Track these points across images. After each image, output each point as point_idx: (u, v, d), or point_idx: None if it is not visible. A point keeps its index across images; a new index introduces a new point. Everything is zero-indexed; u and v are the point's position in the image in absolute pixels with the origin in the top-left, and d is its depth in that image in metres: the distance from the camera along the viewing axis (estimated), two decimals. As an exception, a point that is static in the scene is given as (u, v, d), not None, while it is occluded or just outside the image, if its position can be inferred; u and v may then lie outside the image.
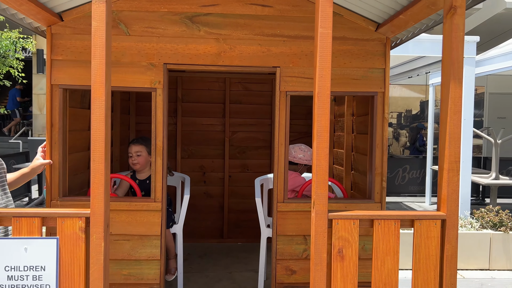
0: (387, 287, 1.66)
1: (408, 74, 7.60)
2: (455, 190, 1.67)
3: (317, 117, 1.63)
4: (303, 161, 2.93)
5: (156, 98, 2.44)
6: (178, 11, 2.44)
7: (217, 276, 3.39)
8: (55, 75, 2.42)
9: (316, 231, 1.63)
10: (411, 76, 7.73)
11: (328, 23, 1.60)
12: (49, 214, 1.61)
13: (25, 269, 1.58)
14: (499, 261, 5.12)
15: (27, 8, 2.11)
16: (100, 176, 1.58)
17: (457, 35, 1.65)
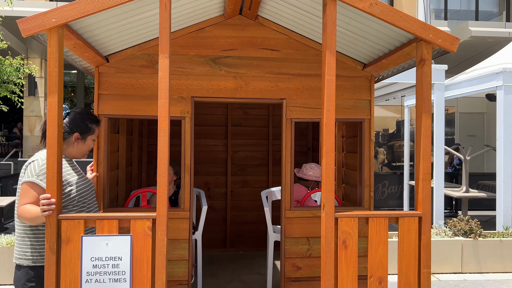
0: (380, 268, 2.20)
1: (385, 97, 8.31)
2: (428, 194, 2.24)
3: (325, 141, 2.19)
4: (312, 178, 3.49)
5: (185, 125, 2.96)
6: (203, 54, 2.99)
7: (226, 279, 3.86)
8: (101, 106, 2.91)
9: (326, 227, 2.17)
10: (388, 99, 8.44)
11: (332, 72, 2.18)
12: (124, 217, 2.10)
13: (106, 259, 2.05)
14: (470, 265, 5.72)
15: (88, 55, 2.62)
16: (164, 187, 2.08)
17: (426, 80, 2.25)
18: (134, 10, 2.34)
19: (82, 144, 2.38)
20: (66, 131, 2.32)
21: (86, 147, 2.40)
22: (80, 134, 2.35)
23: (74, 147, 2.36)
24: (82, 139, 2.37)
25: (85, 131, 2.37)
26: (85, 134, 2.37)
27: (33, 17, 2.00)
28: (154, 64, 2.96)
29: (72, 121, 2.35)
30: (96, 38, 2.56)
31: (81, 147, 2.38)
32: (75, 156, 2.40)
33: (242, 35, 3.03)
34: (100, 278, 2.04)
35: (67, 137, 2.33)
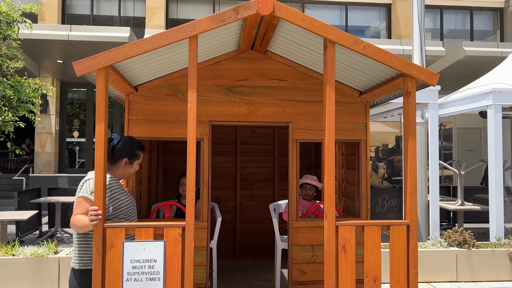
0: (375, 269, 2.58)
1: (383, 114, 8.74)
2: (414, 206, 2.64)
3: (326, 161, 2.59)
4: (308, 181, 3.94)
5: (203, 145, 3.37)
6: (219, 84, 3.42)
7: (237, 284, 4.23)
8: (131, 129, 3.33)
9: (328, 234, 2.56)
10: (386, 117, 8.87)
11: (332, 103, 2.59)
12: (159, 225, 2.50)
13: (143, 261, 2.45)
14: (464, 273, 6.06)
15: (122, 87, 3.05)
16: (191, 200, 2.48)
17: (411, 109, 2.67)
18: (162, 51, 2.77)
19: (130, 167, 2.77)
20: (117, 156, 2.72)
21: (132, 170, 2.79)
22: (129, 159, 2.74)
23: (122, 170, 2.75)
24: (130, 163, 2.76)
25: (133, 156, 2.75)
26: (133, 159, 2.76)
27: (85, 60, 2.43)
28: (177, 92, 3.39)
29: (123, 148, 2.73)
30: (130, 73, 2.99)
31: (128, 170, 2.77)
32: (122, 177, 2.80)
33: (254, 67, 3.46)
34: (138, 277, 2.43)
35: (118, 161, 2.73)
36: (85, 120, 14.07)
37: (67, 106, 13.87)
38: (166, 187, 4.97)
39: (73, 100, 14.33)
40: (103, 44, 10.38)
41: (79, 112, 14.35)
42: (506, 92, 7.00)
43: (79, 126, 14.06)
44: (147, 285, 2.44)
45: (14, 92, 7.56)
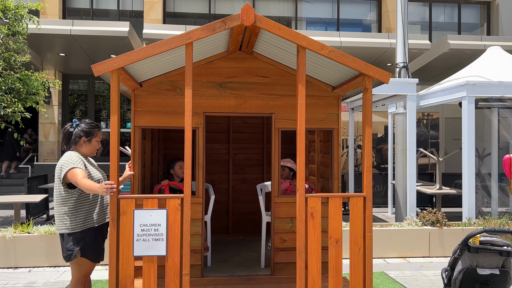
0: (337, 232, 3.19)
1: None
2: (370, 181, 3.24)
3: (298, 145, 3.18)
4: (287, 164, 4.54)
5: (198, 133, 3.96)
6: (212, 80, 4.00)
7: (230, 254, 4.85)
8: (136, 120, 3.91)
9: (299, 204, 3.16)
10: (371, 107, 9.45)
11: (303, 97, 3.17)
12: (162, 197, 3.09)
13: (150, 225, 3.04)
14: (436, 250, 6.71)
15: (129, 83, 3.63)
16: (188, 178, 3.08)
17: (368, 102, 3.25)
18: (163, 54, 3.34)
19: (89, 144, 3.47)
20: (77, 137, 3.45)
21: (92, 146, 3.50)
22: (86, 137, 3.45)
23: (84, 147, 3.46)
24: (88, 141, 3.46)
25: (89, 134, 3.46)
26: (89, 137, 3.47)
27: (101, 63, 3.00)
28: (175, 88, 3.96)
29: (80, 129, 3.46)
30: (136, 72, 3.56)
31: (89, 147, 3.48)
32: (86, 154, 3.50)
33: (241, 66, 4.03)
34: (146, 238, 3.04)
35: (78, 141, 3.45)
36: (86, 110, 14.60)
37: (69, 97, 14.40)
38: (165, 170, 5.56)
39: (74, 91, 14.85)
40: (103, 38, 10.91)
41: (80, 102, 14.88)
42: (479, 85, 7.59)
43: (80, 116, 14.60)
44: (153, 244, 3.04)
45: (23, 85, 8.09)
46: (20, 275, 5.52)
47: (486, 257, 3.13)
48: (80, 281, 3.41)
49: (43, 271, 5.69)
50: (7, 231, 5.90)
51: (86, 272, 3.41)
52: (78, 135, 3.44)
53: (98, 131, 3.50)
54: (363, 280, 3.23)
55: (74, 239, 3.28)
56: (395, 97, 8.00)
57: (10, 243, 5.80)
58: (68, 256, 3.31)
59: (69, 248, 3.29)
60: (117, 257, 3.02)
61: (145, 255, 3.04)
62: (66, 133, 3.48)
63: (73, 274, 3.41)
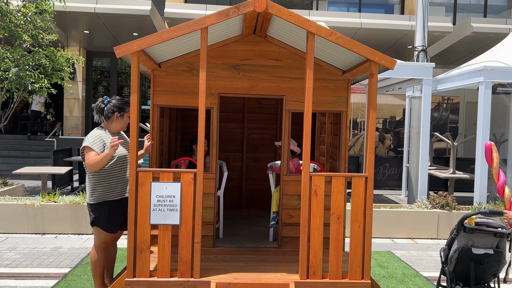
0: (339, 209, 3.40)
1: (385, 89, 9.37)
2: (372, 163, 3.41)
3: (305, 126, 3.37)
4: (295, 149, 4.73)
5: (213, 113, 4.18)
6: (227, 62, 4.19)
7: (241, 228, 5.13)
8: (155, 99, 4.16)
9: (304, 181, 3.37)
10: (388, 91, 9.49)
11: (311, 81, 3.35)
12: (177, 171, 3.35)
13: (165, 197, 3.32)
14: (444, 232, 6.85)
15: (149, 64, 3.86)
16: (201, 154, 3.32)
17: (373, 88, 3.40)
18: (181, 37, 3.54)
19: (121, 120, 3.75)
20: (109, 112, 3.72)
21: (124, 122, 3.78)
22: (119, 113, 3.72)
23: (115, 123, 3.74)
24: (121, 116, 3.74)
25: (121, 110, 3.73)
26: (122, 112, 3.74)
27: (123, 46, 3.23)
28: (192, 69, 4.17)
29: (113, 105, 3.72)
30: (155, 54, 3.79)
31: (121, 122, 3.75)
32: (118, 129, 3.78)
33: (255, 49, 4.21)
34: (162, 208, 3.31)
35: (111, 116, 3.73)
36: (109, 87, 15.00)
37: (92, 73, 14.80)
38: (182, 148, 5.84)
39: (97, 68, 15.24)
40: (126, 17, 11.16)
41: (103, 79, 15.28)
42: (497, 70, 7.56)
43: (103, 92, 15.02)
44: (168, 214, 3.32)
45: (49, 61, 8.42)
46: (47, 241, 5.95)
47: (481, 238, 3.29)
48: (101, 247, 3.75)
49: (68, 238, 6.10)
50: (35, 199, 6.32)
51: (105, 240, 3.73)
52: (111, 110, 3.71)
53: (129, 107, 3.74)
54: (362, 255, 3.45)
55: (92, 209, 3.62)
56: (411, 81, 8.04)
57: (38, 211, 6.23)
58: (91, 222, 3.65)
59: (90, 216, 3.63)
60: (135, 224, 3.31)
61: (160, 223, 3.33)
62: (98, 108, 3.75)
63: (95, 239, 3.75)
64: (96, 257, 3.75)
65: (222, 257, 4.00)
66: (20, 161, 12.73)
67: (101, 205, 3.62)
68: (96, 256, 3.75)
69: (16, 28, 8.01)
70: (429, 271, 5.31)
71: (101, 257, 3.75)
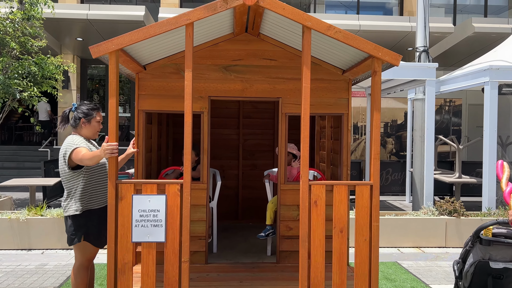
0: (341, 221, 3.08)
1: (386, 91, 9.06)
2: (377, 169, 3.09)
3: (302, 131, 3.05)
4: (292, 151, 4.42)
5: (203, 118, 3.87)
6: (217, 63, 3.88)
7: (237, 240, 4.79)
8: (140, 104, 3.85)
9: (303, 191, 3.05)
10: (389, 93, 9.18)
11: (308, 81, 3.03)
12: (161, 182, 3.03)
13: (148, 211, 2.99)
14: (453, 240, 6.51)
15: (132, 66, 3.55)
16: (188, 163, 3.00)
17: (377, 86, 3.09)
18: (165, 36, 3.24)
19: (89, 126, 3.40)
20: (76, 119, 3.39)
21: (92, 128, 3.42)
22: (85, 118, 3.38)
23: (84, 129, 3.39)
24: (88, 121, 3.39)
25: (87, 115, 3.39)
26: (88, 117, 3.39)
27: (99, 45, 2.92)
28: (180, 71, 3.87)
29: (78, 112, 3.41)
30: (138, 55, 3.48)
31: (89, 128, 3.40)
32: (87, 136, 3.43)
33: (248, 48, 3.91)
34: (145, 224, 2.98)
35: (78, 123, 3.39)
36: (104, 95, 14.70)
37: (87, 81, 14.51)
38: (175, 155, 5.52)
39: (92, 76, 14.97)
40: (119, 23, 10.88)
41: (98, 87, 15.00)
42: (503, 70, 7.24)
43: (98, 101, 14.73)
44: (152, 230, 2.99)
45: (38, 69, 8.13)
46: (32, 257, 5.61)
47: (500, 250, 2.96)
48: (84, 266, 3.40)
49: (56, 253, 5.76)
50: (21, 213, 5.98)
51: (90, 257, 3.39)
52: (77, 117, 3.40)
53: (97, 112, 3.44)
54: (368, 271, 3.12)
55: (78, 222, 3.25)
56: (413, 82, 7.73)
57: (24, 225, 5.89)
58: (71, 239, 3.30)
59: (72, 232, 3.27)
60: (115, 243, 2.98)
61: (143, 241, 3.00)
62: (64, 116, 3.45)
63: (77, 258, 3.40)
64: (79, 279, 3.39)
65: (215, 275, 3.66)
66: (14, 172, 12.41)
67: (89, 217, 3.27)
68: (79, 277, 3.39)
69: (4, 35, 7.73)
70: (439, 283, 4.96)
71: (85, 278, 3.40)
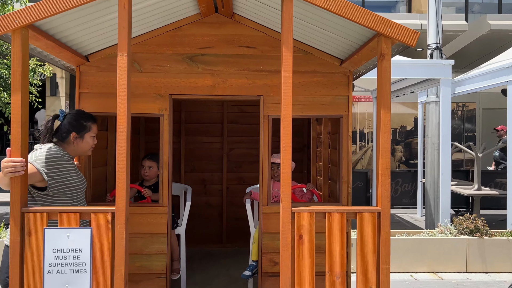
0: (338, 263, 2.20)
1: (395, 94, 8.19)
2: (387, 190, 2.22)
3: (282, 137, 2.21)
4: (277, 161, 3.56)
5: (163, 122, 3.03)
6: (180, 52, 3.05)
7: (216, 273, 3.93)
8: (82, 104, 3.01)
9: (283, 221, 2.18)
10: (398, 96, 8.31)
11: (289, 68, 2.19)
12: (85, 210, 2.18)
13: (67, 251, 2.14)
14: (475, 264, 5.59)
15: (64, 55, 2.72)
16: (123, 182, 2.15)
17: (385, 75, 2.23)
18: (100, 12, 2.41)
19: (81, 142, 2.55)
20: (64, 132, 2.52)
21: (85, 144, 2.57)
22: (77, 133, 2.53)
23: (74, 146, 2.54)
24: (80, 137, 2.54)
25: (80, 129, 2.54)
26: (82, 132, 2.54)
27: None
28: (133, 62, 3.04)
29: (68, 122, 2.53)
30: (70, 39, 2.65)
31: (81, 145, 2.55)
32: (78, 153, 2.60)
33: (219, 33, 3.07)
34: (62, 269, 2.13)
35: (66, 137, 2.52)
36: (96, 103, 13.94)
37: (77, 88, 13.80)
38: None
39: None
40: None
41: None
42: (528, 67, 6.35)
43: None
44: (71, 278, 2.13)
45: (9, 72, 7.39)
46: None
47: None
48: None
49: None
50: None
51: None
52: (67, 129, 2.52)
53: (93, 124, 2.61)
54: (376, 331, 2.23)
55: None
56: (426, 82, 6.85)
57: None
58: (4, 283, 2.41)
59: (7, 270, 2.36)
60: (20, 295, 2.13)
61: (60, 293, 2.14)
62: (49, 127, 2.55)
63: None
64: None
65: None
66: None
67: None
68: None
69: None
70: (464, 323, 4.04)
71: None
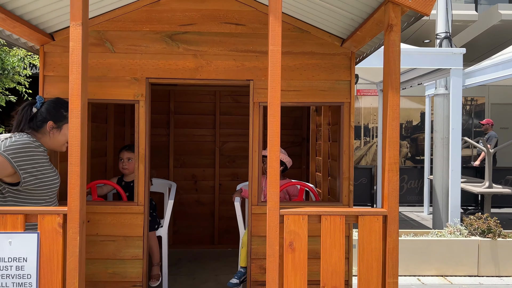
0: (334, 276, 1.83)
1: (401, 85, 7.78)
2: (395, 188, 1.85)
3: (269, 124, 1.83)
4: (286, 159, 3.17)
5: (139, 109, 2.66)
6: (158, 30, 2.68)
7: (203, 278, 3.57)
8: (47, 89, 2.65)
9: (269, 226, 1.82)
10: (404, 88, 7.90)
11: (278, 41, 1.81)
12: (31, 211, 1.82)
13: (9, 260, 1.78)
14: (487, 267, 5.22)
15: (20, 30, 2.36)
16: (76, 177, 1.79)
17: (393, 49, 1.85)
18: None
19: (58, 133, 2.24)
20: (39, 120, 2.22)
21: (62, 136, 2.26)
22: (54, 123, 2.23)
23: (50, 137, 2.24)
24: (58, 127, 2.24)
25: (59, 119, 2.24)
26: (60, 122, 2.24)
27: None
28: (104, 42, 2.67)
29: (46, 110, 2.24)
30: (26, 10, 2.29)
31: (57, 137, 2.25)
32: (52, 146, 2.28)
33: (203, 8, 2.69)
34: (2, 282, 1.77)
35: (42, 126, 2.22)
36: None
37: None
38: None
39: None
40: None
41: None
42: (545, 56, 5.93)
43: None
44: (14, 292, 1.78)
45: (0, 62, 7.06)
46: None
47: None
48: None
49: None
50: None
51: None
52: (43, 118, 2.23)
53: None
54: None
55: None
56: (435, 72, 6.44)
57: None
58: None
59: None
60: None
61: (0, 311, 1.79)
62: (24, 113, 2.24)
63: None
64: None
65: None
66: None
67: None
68: None
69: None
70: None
71: None
